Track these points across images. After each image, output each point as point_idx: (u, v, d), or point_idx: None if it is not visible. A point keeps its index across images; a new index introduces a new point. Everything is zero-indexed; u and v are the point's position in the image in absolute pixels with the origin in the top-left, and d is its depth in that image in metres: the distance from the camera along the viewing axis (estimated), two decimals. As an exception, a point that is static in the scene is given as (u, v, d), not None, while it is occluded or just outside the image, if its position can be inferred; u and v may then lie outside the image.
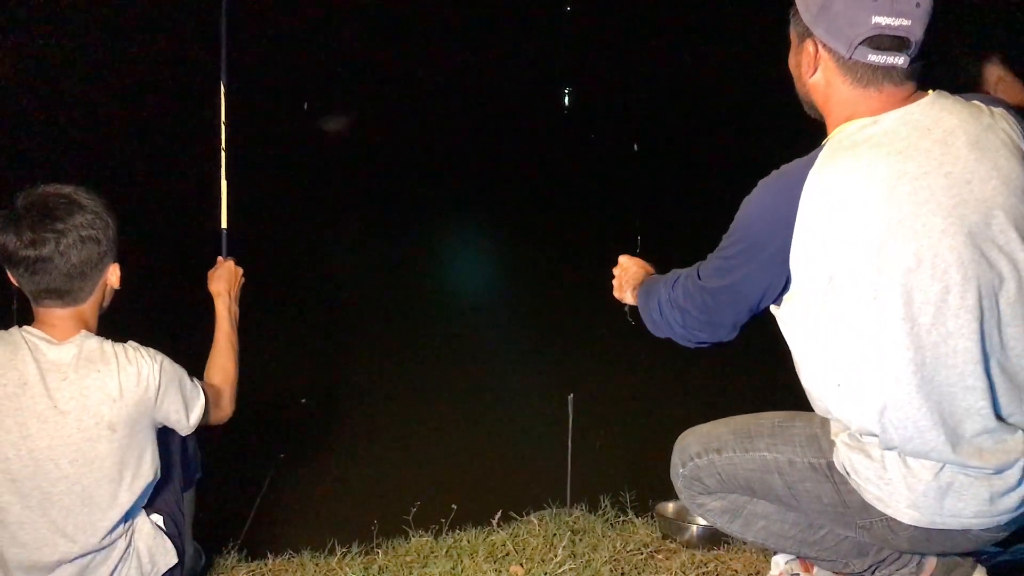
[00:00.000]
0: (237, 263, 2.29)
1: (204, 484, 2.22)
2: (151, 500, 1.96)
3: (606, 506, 2.72)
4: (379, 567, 2.31)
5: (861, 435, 1.55)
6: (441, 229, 8.09)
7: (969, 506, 1.48)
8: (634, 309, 1.93)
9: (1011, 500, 1.48)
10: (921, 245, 1.41)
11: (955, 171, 1.43)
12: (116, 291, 1.92)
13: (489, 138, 11.06)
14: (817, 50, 1.52)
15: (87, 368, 1.75)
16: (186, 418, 1.89)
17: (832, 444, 1.63)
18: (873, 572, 1.79)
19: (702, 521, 2.59)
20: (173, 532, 1.96)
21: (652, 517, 2.62)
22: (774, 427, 1.73)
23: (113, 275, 1.87)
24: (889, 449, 1.50)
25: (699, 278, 1.68)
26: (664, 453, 2.01)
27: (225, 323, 2.18)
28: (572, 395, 2.83)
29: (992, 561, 2.01)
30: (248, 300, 2.22)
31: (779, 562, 2.13)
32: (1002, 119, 1.52)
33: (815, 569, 2.03)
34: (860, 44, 1.44)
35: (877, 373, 1.45)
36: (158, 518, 1.94)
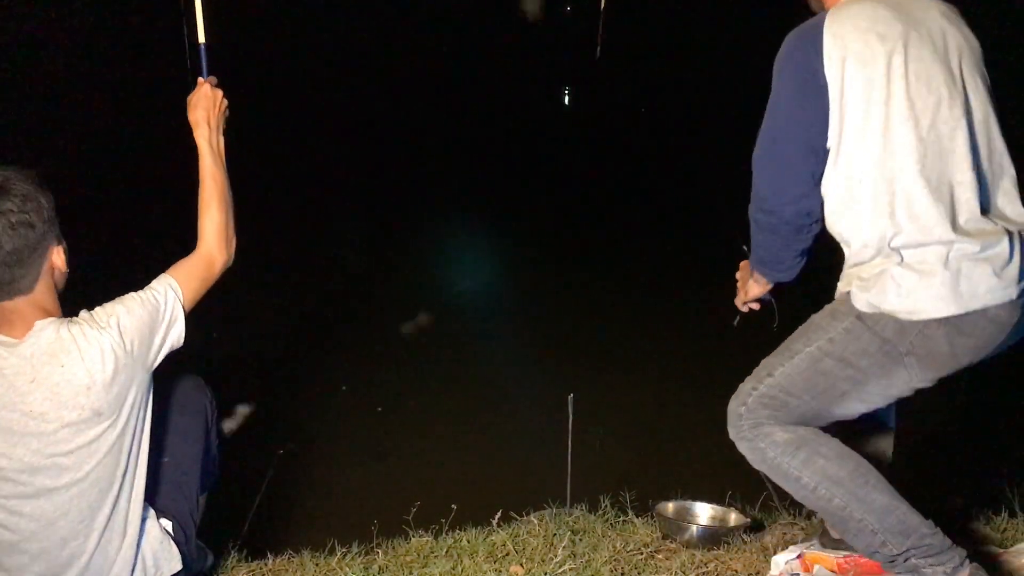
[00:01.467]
0: (219, 85, 2.03)
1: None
2: (163, 504, 1.95)
3: (606, 506, 2.71)
4: (379, 567, 2.30)
5: (871, 257, 1.78)
6: (441, 230, 8.10)
7: (980, 284, 1.72)
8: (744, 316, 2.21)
9: (1012, 270, 1.74)
10: (919, 66, 1.77)
11: (935, 27, 1.82)
12: (67, 272, 1.81)
13: (490, 139, 11.06)
14: None
15: (50, 365, 1.68)
16: (167, 346, 1.81)
17: (848, 300, 1.84)
18: (906, 560, 1.80)
19: (702, 521, 2.60)
20: (180, 539, 1.94)
21: (652, 517, 2.61)
22: (801, 333, 1.92)
23: (58, 258, 1.76)
24: (895, 248, 1.75)
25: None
26: (664, 453, 2.01)
27: (208, 159, 1.96)
28: (572, 395, 2.83)
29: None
30: (250, 300, 2.17)
31: (779, 562, 2.14)
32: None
33: (815, 568, 2.04)
34: None
35: (889, 165, 1.74)
36: (167, 523, 1.93)
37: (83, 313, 1.76)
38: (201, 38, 2.04)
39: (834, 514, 1.86)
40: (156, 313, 1.79)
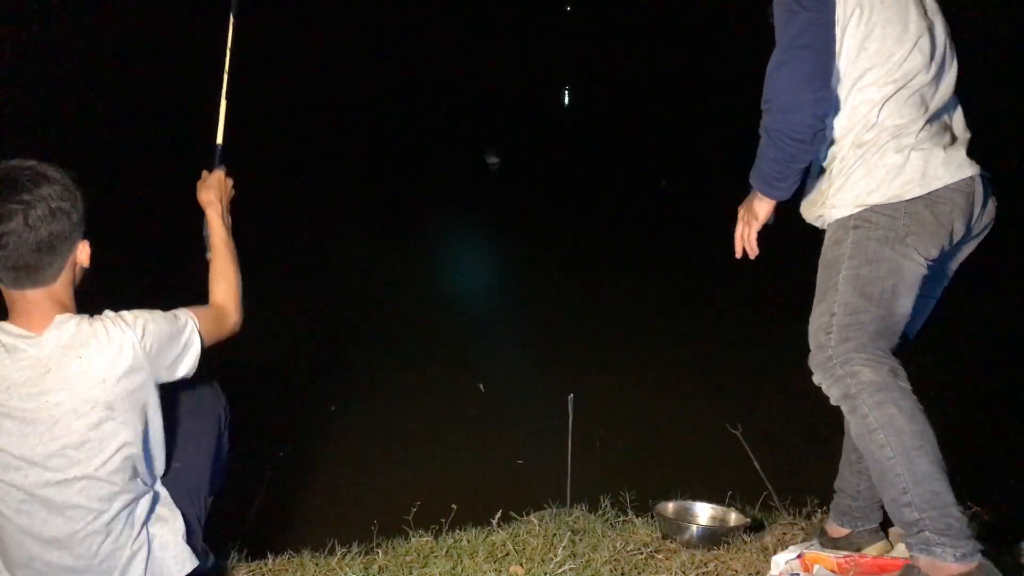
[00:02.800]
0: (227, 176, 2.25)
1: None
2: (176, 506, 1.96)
3: (606, 506, 2.71)
4: (379, 567, 2.30)
5: (844, 159, 2.04)
6: (442, 230, 8.10)
7: (938, 168, 1.99)
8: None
9: (960, 156, 2.03)
10: None
11: None
12: (86, 270, 1.85)
13: (490, 139, 11.07)
14: None
15: (68, 356, 1.72)
16: (181, 368, 1.85)
17: (834, 224, 2.07)
18: (919, 531, 1.86)
19: (702, 521, 2.60)
20: (192, 540, 1.96)
21: (652, 517, 2.61)
22: (825, 275, 2.07)
23: (83, 253, 1.80)
24: (863, 148, 2.02)
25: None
26: (664, 453, 2.02)
27: (220, 230, 2.14)
28: (572, 395, 2.82)
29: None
30: (249, 301, 2.18)
31: (779, 562, 2.14)
32: None
33: (815, 568, 2.04)
34: None
35: (889, 78, 1.99)
36: (181, 526, 1.94)
37: (108, 312, 1.80)
38: (219, 139, 2.29)
39: (879, 461, 1.91)
40: (177, 331, 1.85)
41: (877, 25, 1.99)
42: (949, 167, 2.01)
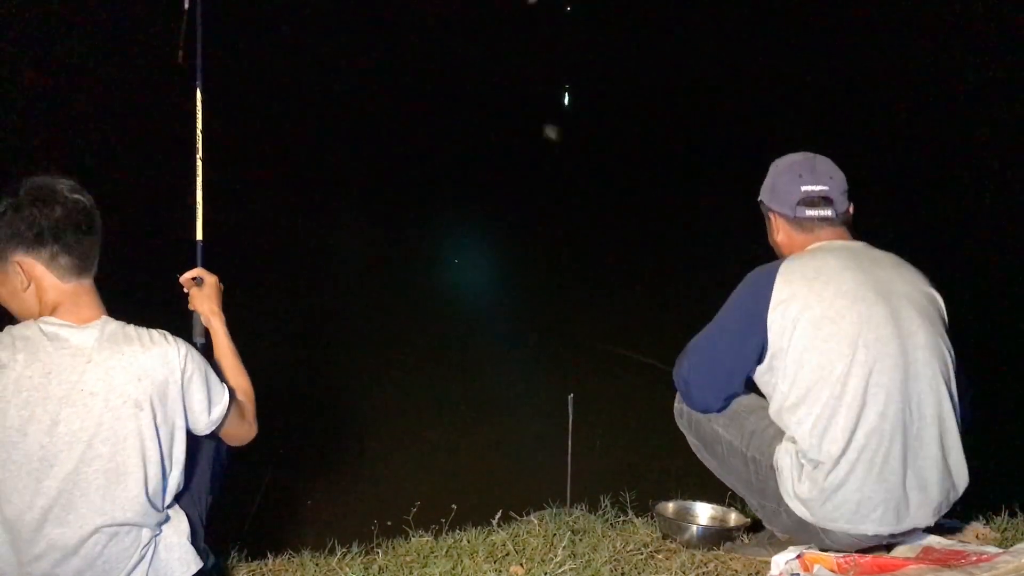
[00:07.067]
0: (215, 270, 2.27)
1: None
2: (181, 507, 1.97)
3: (606, 506, 2.72)
4: (379, 567, 2.30)
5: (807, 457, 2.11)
6: (442, 231, 8.10)
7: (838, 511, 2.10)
8: None
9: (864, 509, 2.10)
10: (860, 307, 2.06)
11: (879, 274, 2.12)
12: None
13: (490, 139, 11.07)
14: (775, 218, 2.27)
15: (110, 349, 1.79)
16: (207, 412, 1.90)
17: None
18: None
19: (702, 521, 2.61)
20: (195, 541, 1.96)
21: (652, 517, 2.61)
22: (733, 414, 2.28)
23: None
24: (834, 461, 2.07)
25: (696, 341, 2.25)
26: (664, 453, 2.02)
27: (228, 340, 2.17)
28: (572, 395, 2.83)
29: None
30: (250, 301, 2.19)
31: (779, 562, 2.14)
32: (911, 266, 2.21)
33: (815, 567, 2.04)
34: (797, 204, 2.20)
35: (845, 401, 2.05)
36: (185, 527, 1.95)
37: (160, 330, 1.88)
38: (199, 235, 2.30)
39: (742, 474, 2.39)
40: (215, 381, 1.92)
41: (849, 349, 2.04)
42: (847, 515, 2.08)
